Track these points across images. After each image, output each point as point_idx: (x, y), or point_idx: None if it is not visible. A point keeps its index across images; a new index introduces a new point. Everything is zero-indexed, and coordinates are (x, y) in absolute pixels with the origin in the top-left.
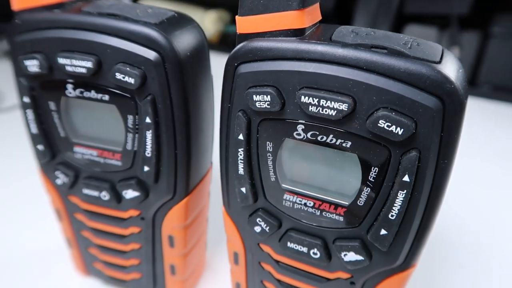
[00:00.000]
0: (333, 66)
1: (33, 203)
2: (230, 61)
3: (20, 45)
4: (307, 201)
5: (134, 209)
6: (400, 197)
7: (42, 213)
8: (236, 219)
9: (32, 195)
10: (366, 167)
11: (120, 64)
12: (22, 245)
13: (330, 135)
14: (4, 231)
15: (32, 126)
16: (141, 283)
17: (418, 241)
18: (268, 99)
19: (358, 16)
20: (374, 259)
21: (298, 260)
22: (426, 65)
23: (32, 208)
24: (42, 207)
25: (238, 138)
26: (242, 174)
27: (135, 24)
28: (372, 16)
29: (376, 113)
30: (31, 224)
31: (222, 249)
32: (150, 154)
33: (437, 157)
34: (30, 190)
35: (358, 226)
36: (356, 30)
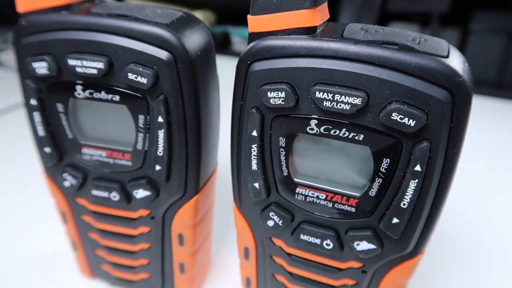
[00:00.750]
0: (347, 62)
1: (35, 206)
2: (243, 60)
3: (28, 47)
4: (319, 194)
5: (144, 208)
6: (412, 186)
7: (44, 216)
8: (247, 215)
9: (34, 198)
10: (378, 159)
11: (132, 64)
12: (25, 248)
13: (343, 129)
14: (6, 235)
15: (39, 128)
16: (150, 283)
17: (427, 228)
18: (283, 95)
19: (343, 15)
20: (385, 247)
21: (311, 252)
22: (436, 60)
23: (34, 212)
24: (44, 210)
25: (251, 134)
26: (255, 170)
27: (147, 24)
28: (357, 15)
29: (389, 106)
30: (34, 228)
31: (226, 246)
32: (162, 153)
33: (447, 146)
34: (31, 193)
35: (370, 216)
36: (365, 28)
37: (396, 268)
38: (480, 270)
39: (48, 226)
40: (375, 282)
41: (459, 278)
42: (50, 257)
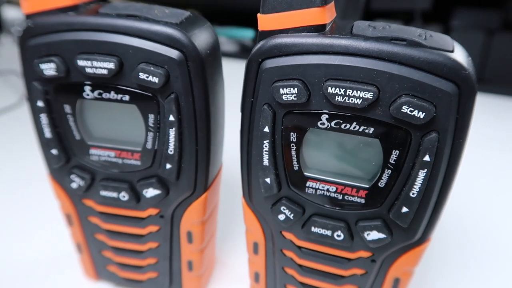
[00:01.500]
0: (357, 58)
1: (36, 210)
2: (254, 57)
3: (34, 48)
4: (329, 187)
5: (153, 207)
6: (421, 176)
7: (46, 219)
8: (258, 210)
9: (34, 201)
10: (387, 151)
11: (143, 64)
12: (29, 252)
13: (354, 123)
14: (8, 239)
15: (46, 130)
16: (157, 282)
17: (434, 215)
18: (295, 91)
19: None
20: (395, 236)
21: (321, 243)
22: (442, 54)
23: (36, 215)
24: (46, 213)
25: (263, 130)
26: (267, 165)
27: (157, 24)
28: (342, 12)
29: (399, 99)
30: (36, 231)
31: (229, 244)
32: (173, 151)
33: (453, 136)
34: (32, 196)
35: (380, 206)
36: (372, 24)
37: (404, 256)
38: (479, 262)
39: (51, 229)
40: (384, 270)
41: (458, 270)
42: (54, 260)
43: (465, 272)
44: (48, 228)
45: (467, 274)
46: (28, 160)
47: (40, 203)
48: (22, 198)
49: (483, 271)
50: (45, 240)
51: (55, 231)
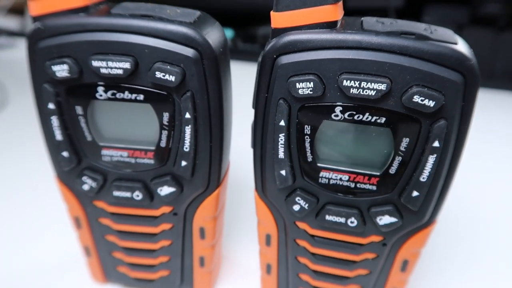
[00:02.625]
0: (370, 52)
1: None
2: (269, 54)
3: (45, 50)
4: (342, 176)
5: (167, 205)
6: (431, 161)
7: (49, 223)
8: (271, 202)
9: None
10: (398, 139)
11: (159, 63)
12: (31, 259)
13: (366, 113)
14: (11, 246)
15: (57, 133)
16: (169, 280)
17: (441, 198)
18: (311, 85)
19: None
20: (405, 219)
21: (335, 231)
22: (449, 47)
23: (38, 220)
24: (47, 217)
25: (279, 124)
26: (282, 158)
27: (172, 24)
28: None
29: (410, 89)
30: (39, 236)
31: (232, 241)
32: (188, 148)
33: (459, 123)
34: (30, 202)
35: (391, 192)
36: (380, 20)
37: (412, 238)
38: (477, 250)
39: (52, 234)
40: (393, 253)
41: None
42: (59, 265)
43: (464, 253)
44: (49, 233)
45: (466, 255)
46: (18, 166)
47: (36, 209)
48: (17, 204)
49: (481, 253)
50: (48, 245)
51: (57, 236)
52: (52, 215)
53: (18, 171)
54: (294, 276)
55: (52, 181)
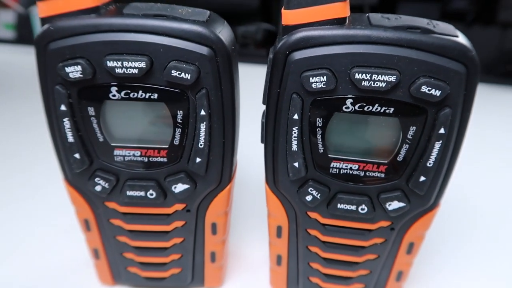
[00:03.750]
0: (380, 46)
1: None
2: (281, 50)
3: (57, 52)
4: (352, 165)
5: (180, 203)
6: (437, 147)
7: (52, 229)
8: (283, 194)
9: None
10: (405, 127)
11: (174, 61)
12: (37, 264)
13: (376, 104)
14: (14, 252)
15: (69, 135)
16: (180, 277)
17: (445, 182)
18: (324, 79)
19: None
20: (412, 203)
21: (345, 219)
22: (452, 39)
23: (40, 225)
24: (50, 222)
25: (293, 118)
26: (295, 150)
27: (186, 23)
28: None
29: (418, 80)
30: (42, 242)
31: (235, 235)
32: (203, 145)
33: (462, 110)
34: (35, 205)
35: (399, 178)
36: (385, 16)
37: (418, 221)
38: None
39: (60, 238)
40: (400, 236)
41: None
42: (66, 268)
43: (462, 235)
44: (54, 237)
45: (465, 237)
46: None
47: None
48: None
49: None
50: (53, 249)
51: (62, 240)
52: (56, 219)
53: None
54: (304, 265)
55: (49, 186)
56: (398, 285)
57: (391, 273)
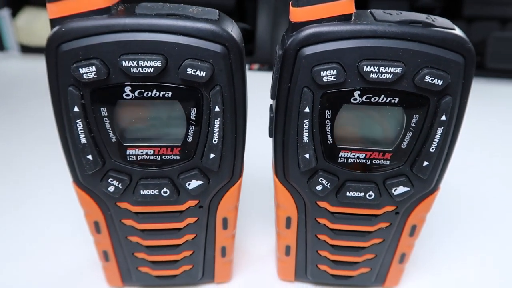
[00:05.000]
0: (386, 40)
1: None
2: (292, 46)
3: (71, 53)
4: (359, 154)
5: (193, 199)
6: (439, 133)
7: (57, 232)
8: (293, 185)
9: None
10: (409, 116)
11: (189, 60)
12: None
13: (382, 95)
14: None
15: (82, 136)
16: (191, 274)
17: (444, 166)
18: (335, 73)
19: (260, 11)
20: (415, 187)
21: (353, 206)
22: (450, 32)
23: (46, 229)
24: (55, 226)
25: (304, 111)
26: (306, 142)
27: (200, 22)
28: (274, 11)
29: (421, 71)
30: (47, 246)
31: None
32: (217, 141)
33: (460, 98)
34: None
35: (404, 164)
36: (387, 12)
37: (420, 204)
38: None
39: (62, 244)
40: (403, 219)
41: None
42: (70, 274)
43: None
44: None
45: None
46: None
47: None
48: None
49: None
50: (59, 253)
51: (67, 244)
52: (59, 224)
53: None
54: (313, 253)
55: (48, 192)
56: (401, 267)
57: (394, 255)
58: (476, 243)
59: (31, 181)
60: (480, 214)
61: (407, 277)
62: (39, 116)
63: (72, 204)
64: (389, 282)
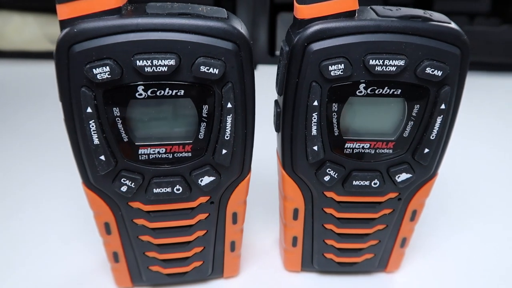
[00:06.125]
0: (389, 34)
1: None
2: (300, 42)
3: (83, 54)
4: (364, 145)
5: (204, 195)
6: (439, 121)
7: (62, 236)
8: (301, 177)
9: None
10: (410, 106)
11: (202, 58)
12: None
13: (385, 87)
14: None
15: (95, 137)
16: (202, 270)
17: (443, 152)
18: (342, 67)
19: (239, 9)
20: (417, 173)
21: (359, 194)
22: (447, 26)
23: (51, 232)
24: (60, 229)
25: (313, 104)
26: (315, 135)
27: (211, 20)
28: (252, 8)
29: (422, 63)
30: (53, 250)
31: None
32: (229, 136)
33: (457, 87)
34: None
35: (406, 152)
36: (387, 7)
37: (421, 189)
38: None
39: (64, 249)
40: (405, 205)
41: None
42: (76, 278)
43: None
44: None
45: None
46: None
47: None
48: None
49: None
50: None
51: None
52: (61, 227)
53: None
54: (319, 242)
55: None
56: (402, 251)
57: (396, 240)
58: (468, 226)
59: (31, 185)
60: (471, 198)
61: (406, 261)
62: (13, 120)
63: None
64: (391, 267)
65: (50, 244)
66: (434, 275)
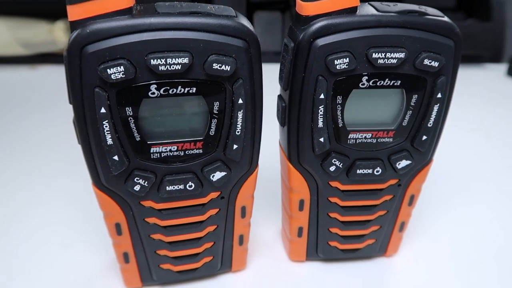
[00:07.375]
0: (389, 28)
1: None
2: (306, 38)
3: (97, 54)
4: (366, 135)
5: (215, 191)
6: (435, 109)
7: (70, 238)
8: (307, 169)
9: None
10: (409, 96)
11: (213, 55)
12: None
13: (386, 79)
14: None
15: (108, 137)
16: (211, 265)
17: (438, 139)
18: (347, 61)
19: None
20: (415, 160)
21: (362, 182)
22: (442, 20)
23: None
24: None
25: (319, 98)
26: (321, 127)
27: (221, 19)
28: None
29: (421, 55)
30: (60, 252)
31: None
32: (240, 132)
33: (451, 77)
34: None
35: (405, 140)
36: (385, 3)
37: (418, 175)
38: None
39: (75, 250)
40: (403, 190)
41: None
42: (86, 280)
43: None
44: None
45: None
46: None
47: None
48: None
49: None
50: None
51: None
52: (62, 230)
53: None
54: (324, 231)
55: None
56: (400, 235)
57: (395, 224)
58: (453, 209)
59: (28, 190)
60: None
61: (402, 245)
62: None
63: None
64: (390, 251)
65: (51, 247)
66: (430, 256)
